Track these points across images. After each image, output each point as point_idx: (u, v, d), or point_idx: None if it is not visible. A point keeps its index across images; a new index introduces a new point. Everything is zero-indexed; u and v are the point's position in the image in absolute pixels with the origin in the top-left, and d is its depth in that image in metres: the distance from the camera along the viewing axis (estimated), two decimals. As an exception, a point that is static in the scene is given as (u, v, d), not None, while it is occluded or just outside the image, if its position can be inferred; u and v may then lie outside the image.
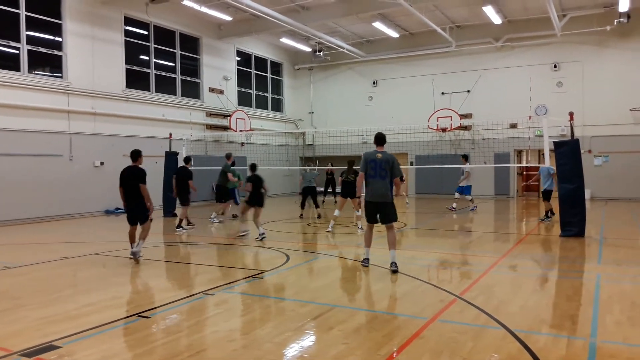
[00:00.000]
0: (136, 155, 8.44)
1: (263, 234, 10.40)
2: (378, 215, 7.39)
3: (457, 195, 16.49)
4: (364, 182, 7.52)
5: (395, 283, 6.81)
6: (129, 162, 8.43)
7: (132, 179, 8.15)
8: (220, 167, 14.06)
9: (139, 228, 8.30)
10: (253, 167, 10.70)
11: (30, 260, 8.47)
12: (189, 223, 12.51)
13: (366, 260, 7.59)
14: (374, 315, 5.28)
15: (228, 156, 14.17)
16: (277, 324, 4.99)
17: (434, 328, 4.76)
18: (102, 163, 16.12)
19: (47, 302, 5.85)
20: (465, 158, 16.63)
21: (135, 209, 8.27)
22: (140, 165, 8.41)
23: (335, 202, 15.07)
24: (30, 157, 14.43)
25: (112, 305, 5.88)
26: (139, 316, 5.23)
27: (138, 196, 8.16)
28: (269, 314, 5.46)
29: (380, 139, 7.49)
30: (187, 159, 13.08)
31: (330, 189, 19.44)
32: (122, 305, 5.79)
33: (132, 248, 8.25)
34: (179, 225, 12.13)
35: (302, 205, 15.37)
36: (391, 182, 7.28)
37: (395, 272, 7.10)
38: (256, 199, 10.41)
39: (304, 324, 4.95)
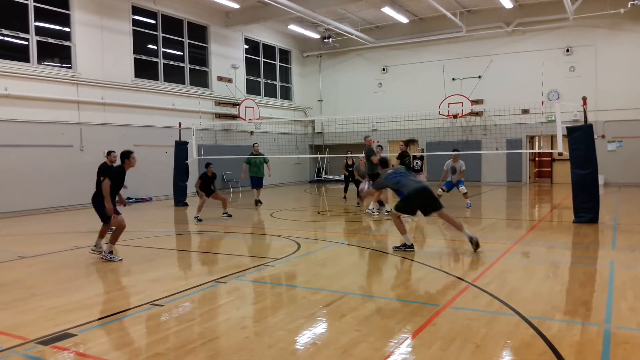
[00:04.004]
0: (123, 157, 7.79)
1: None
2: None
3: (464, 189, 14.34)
4: None
5: (407, 270, 6.79)
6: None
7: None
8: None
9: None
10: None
11: (44, 250, 8.56)
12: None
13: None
14: (386, 302, 5.27)
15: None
16: (289, 311, 5.00)
17: (446, 315, 4.75)
18: (112, 153, 16.16)
19: (61, 290, 5.91)
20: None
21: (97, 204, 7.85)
22: (127, 166, 7.81)
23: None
24: (41, 147, 14.51)
25: (125, 294, 5.94)
26: (152, 304, 5.26)
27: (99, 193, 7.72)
28: (280, 301, 5.47)
29: None
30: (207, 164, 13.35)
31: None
32: (136, 294, 5.83)
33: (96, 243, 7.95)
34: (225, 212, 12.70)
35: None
36: None
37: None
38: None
39: (315, 311, 4.96)
